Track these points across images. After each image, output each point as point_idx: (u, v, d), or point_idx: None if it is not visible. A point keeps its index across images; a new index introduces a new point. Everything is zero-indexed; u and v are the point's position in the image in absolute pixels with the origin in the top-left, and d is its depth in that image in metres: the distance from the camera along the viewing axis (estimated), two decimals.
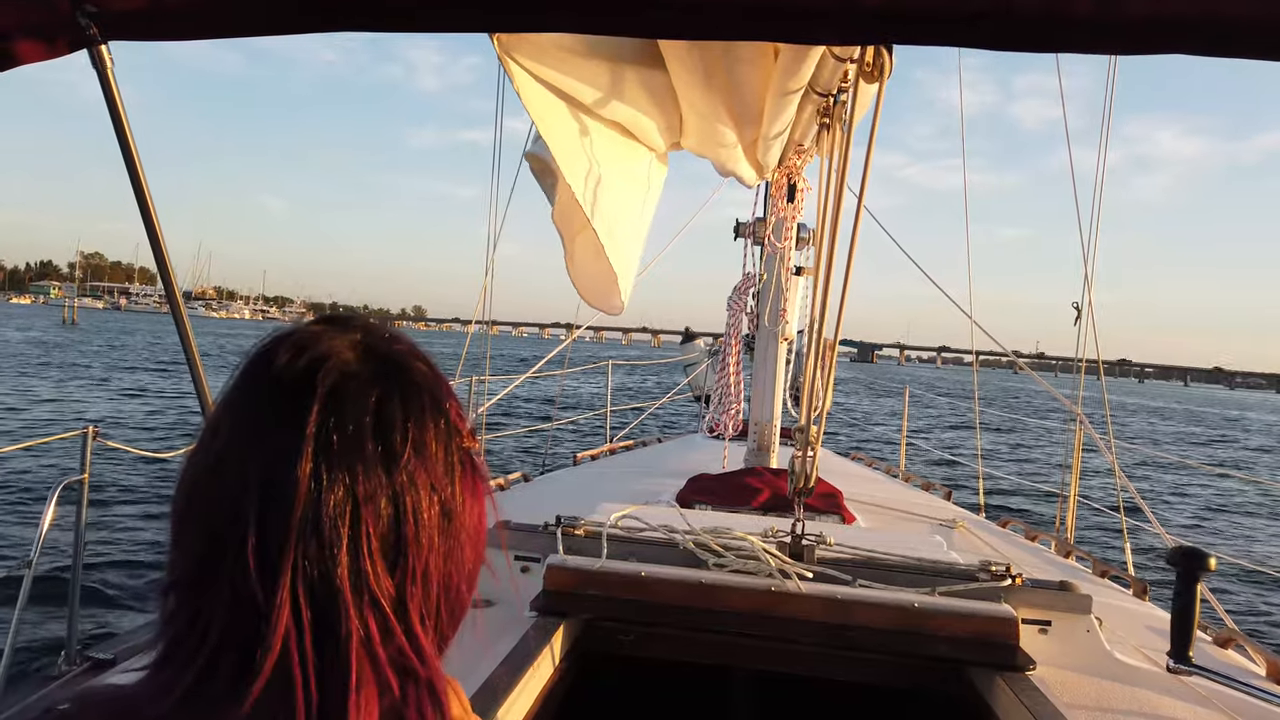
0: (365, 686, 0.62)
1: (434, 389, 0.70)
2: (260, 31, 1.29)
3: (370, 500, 0.63)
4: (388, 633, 0.63)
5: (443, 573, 0.67)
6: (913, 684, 2.13)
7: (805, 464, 2.61)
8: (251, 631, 0.61)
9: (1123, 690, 2.02)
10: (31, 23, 1.22)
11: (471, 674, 1.79)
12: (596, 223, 2.64)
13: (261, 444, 0.64)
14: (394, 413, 0.66)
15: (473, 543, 0.71)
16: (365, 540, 0.62)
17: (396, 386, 0.67)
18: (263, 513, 0.62)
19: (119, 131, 1.42)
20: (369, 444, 0.64)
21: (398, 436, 0.65)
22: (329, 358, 0.67)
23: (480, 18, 1.31)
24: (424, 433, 0.67)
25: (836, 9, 1.15)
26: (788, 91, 2.57)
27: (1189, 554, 1.85)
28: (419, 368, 0.71)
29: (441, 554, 0.67)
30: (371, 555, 0.62)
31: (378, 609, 0.63)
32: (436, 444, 0.68)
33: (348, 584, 0.62)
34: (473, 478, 0.71)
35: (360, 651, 0.62)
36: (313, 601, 0.61)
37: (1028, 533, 4.14)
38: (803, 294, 4.47)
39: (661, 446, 6.46)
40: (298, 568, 0.61)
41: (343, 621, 0.61)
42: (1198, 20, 1.10)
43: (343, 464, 0.63)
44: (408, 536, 0.64)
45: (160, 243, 1.49)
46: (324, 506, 0.62)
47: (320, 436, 0.63)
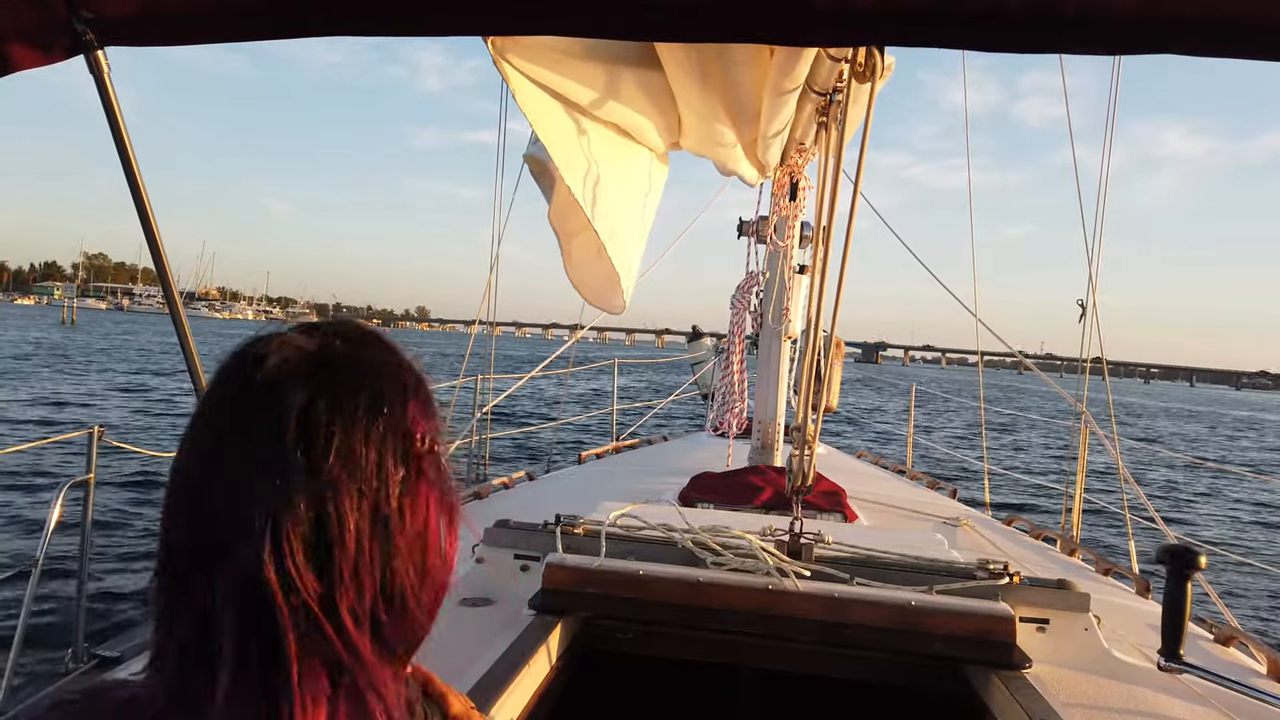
0: (307, 686, 0.63)
1: (379, 390, 0.70)
2: (255, 36, 1.30)
3: (290, 505, 0.64)
4: (320, 635, 0.64)
5: (377, 577, 0.67)
6: (909, 682, 2.14)
7: (803, 462, 2.61)
8: (206, 636, 0.64)
9: (1119, 688, 2.02)
10: (28, 28, 1.23)
11: (469, 671, 1.81)
12: (598, 223, 2.65)
13: (205, 449, 0.67)
14: (318, 416, 0.66)
15: (418, 547, 0.70)
16: (288, 544, 0.63)
17: (327, 390, 0.67)
18: (197, 517, 0.65)
19: (116, 136, 1.43)
20: (291, 449, 0.65)
21: (321, 440, 0.65)
22: (265, 362, 0.68)
23: (474, 22, 1.32)
24: (351, 436, 0.67)
25: (828, 11, 1.15)
26: (784, 91, 2.57)
27: (1179, 552, 1.85)
28: (368, 369, 0.71)
29: (374, 558, 0.66)
30: (294, 558, 0.63)
31: (307, 612, 0.63)
32: (368, 447, 0.67)
33: (276, 586, 0.63)
34: (418, 481, 0.70)
35: (296, 652, 0.63)
36: (250, 606, 0.63)
37: (1033, 531, 4.14)
38: (806, 292, 4.47)
39: (666, 445, 6.47)
40: (233, 573, 0.63)
41: (277, 624, 0.63)
42: (1189, 19, 1.10)
43: (267, 469, 0.64)
44: (332, 540, 0.65)
45: (159, 245, 1.51)
46: (251, 510, 0.63)
47: (247, 441, 0.66)
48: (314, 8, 1.24)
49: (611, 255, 2.92)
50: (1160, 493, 16.27)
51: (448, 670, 1.85)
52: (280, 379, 0.68)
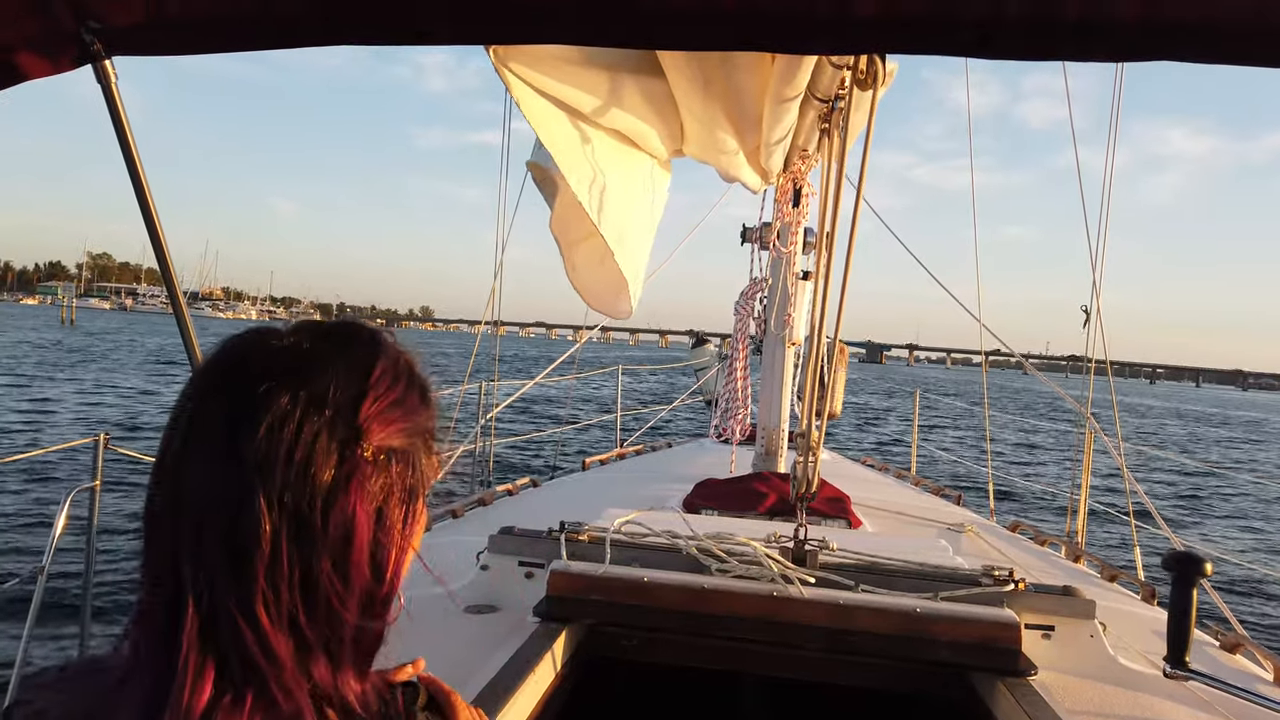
0: (198, 676, 0.64)
1: (323, 393, 0.69)
2: (260, 46, 1.31)
3: (211, 503, 0.66)
4: (233, 629, 0.65)
5: (295, 580, 0.66)
6: (915, 689, 2.13)
7: (807, 469, 2.61)
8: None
9: (1125, 695, 2.01)
10: (36, 39, 1.24)
11: (474, 679, 1.81)
12: (604, 229, 2.65)
13: (167, 433, 0.70)
14: (251, 412, 0.66)
15: (342, 555, 0.68)
16: (207, 540, 0.65)
17: (268, 387, 0.67)
18: (152, 498, 0.69)
19: (123, 143, 1.44)
20: (218, 448, 0.66)
21: (246, 441, 0.66)
22: (223, 355, 0.71)
23: (477, 31, 1.33)
24: (279, 435, 0.66)
25: (830, 19, 1.16)
26: (785, 98, 2.58)
27: (1184, 558, 1.84)
28: (322, 370, 0.70)
29: (292, 562, 0.66)
30: (211, 554, 0.65)
31: (219, 606, 0.65)
32: (297, 448, 0.66)
33: (187, 579, 0.65)
34: (348, 487, 0.68)
35: (194, 640, 0.64)
36: (168, 595, 0.66)
37: (1037, 537, 4.13)
38: (809, 298, 4.47)
39: (670, 451, 6.47)
40: (154, 563, 0.67)
41: (182, 614, 0.65)
42: (1189, 27, 1.11)
43: (196, 467, 0.67)
44: (246, 540, 0.65)
45: (164, 249, 1.52)
46: (184, 498, 0.67)
47: (189, 431, 0.68)
48: (317, 18, 1.25)
49: (619, 261, 2.93)
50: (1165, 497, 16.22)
51: (452, 677, 1.85)
52: (228, 371, 0.69)
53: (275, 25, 1.27)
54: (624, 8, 1.18)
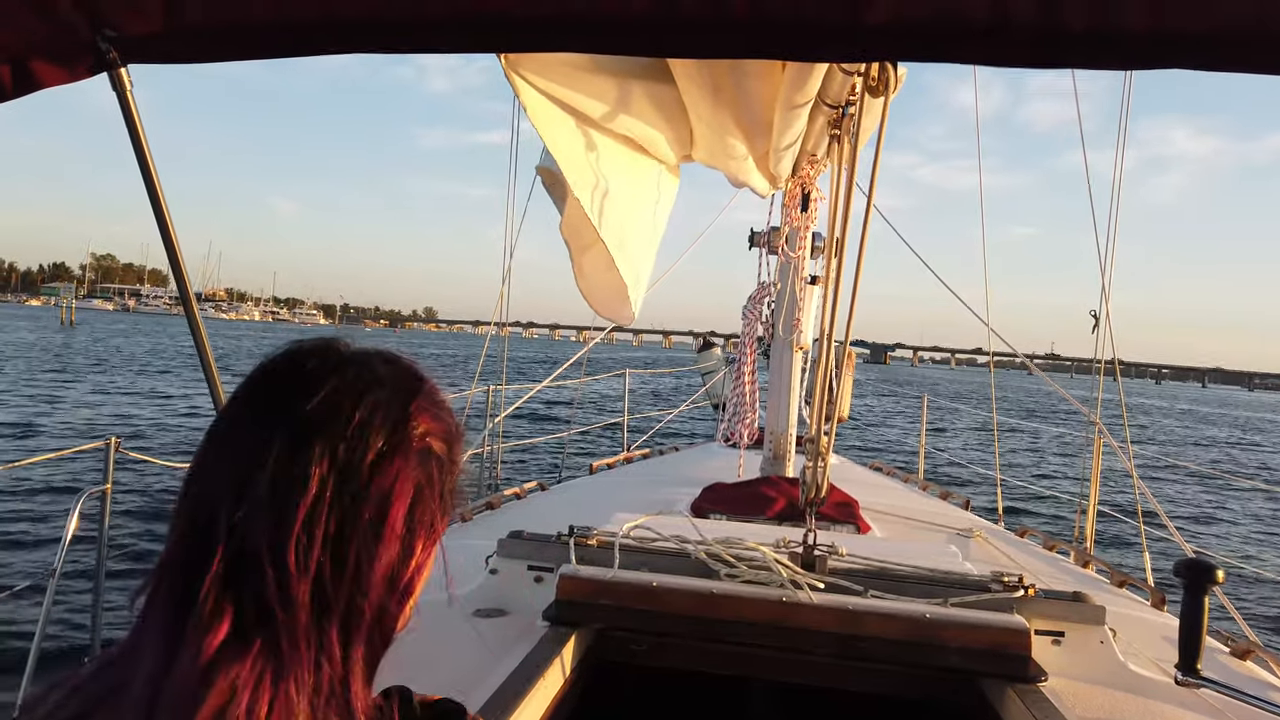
0: (214, 617, 0.66)
1: (385, 374, 0.75)
2: (274, 54, 1.33)
3: (265, 448, 0.69)
4: (258, 572, 0.67)
5: (329, 531, 0.69)
6: (925, 695, 2.13)
7: (816, 474, 2.61)
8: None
9: (1136, 702, 2.01)
10: (53, 47, 1.26)
11: (483, 683, 1.81)
12: (606, 235, 2.66)
13: (225, 407, 0.77)
14: (320, 372, 0.73)
15: (378, 519, 0.71)
16: (254, 482, 0.69)
17: (337, 360, 0.75)
18: (201, 457, 0.74)
19: (137, 149, 1.46)
20: (278, 409, 0.72)
21: (313, 388, 0.71)
22: (284, 351, 0.77)
23: (489, 40, 1.33)
24: (342, 392, 0.72)
25: (840, 27, 1.16)
26: (796, 105, 2.58)
27: (1196, 566, 1.84)
28: (386, 365, 0.77)
29: (330, 511, 0.69)
30: (255, 494, 0.68)
31: (248, 547, 0.67)
32: (359, 407, 0.72)
33: (222, 520, 0.68)
34: (395, 457, 0.72)
35: (217, 581, 0.67)
36: (197, 541, 0.69)
37: (1046, 542, 4.12)
38: (817, 303, 4.46)
39: (677, 455, 6.46)
40: (188, 510, 0.72)
41: (210, 557, 0.67)
42: (1196, 36, 1.11)
43: (253, 425, 0.72)
44: (294, 481, 0.68)
45: (177, 252, 1.53)
46: (227, 455, 0.71)
47: (242, 404, 0.74)
48: (332, 26, 1.26)
49: (620, 267, 2.93)
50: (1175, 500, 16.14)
51: (461, 681, 1.86)
52: (292, 355, 0.75)
53: (289, 33, 1.28)
54: (635, 17, 1.18)
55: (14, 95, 1.29)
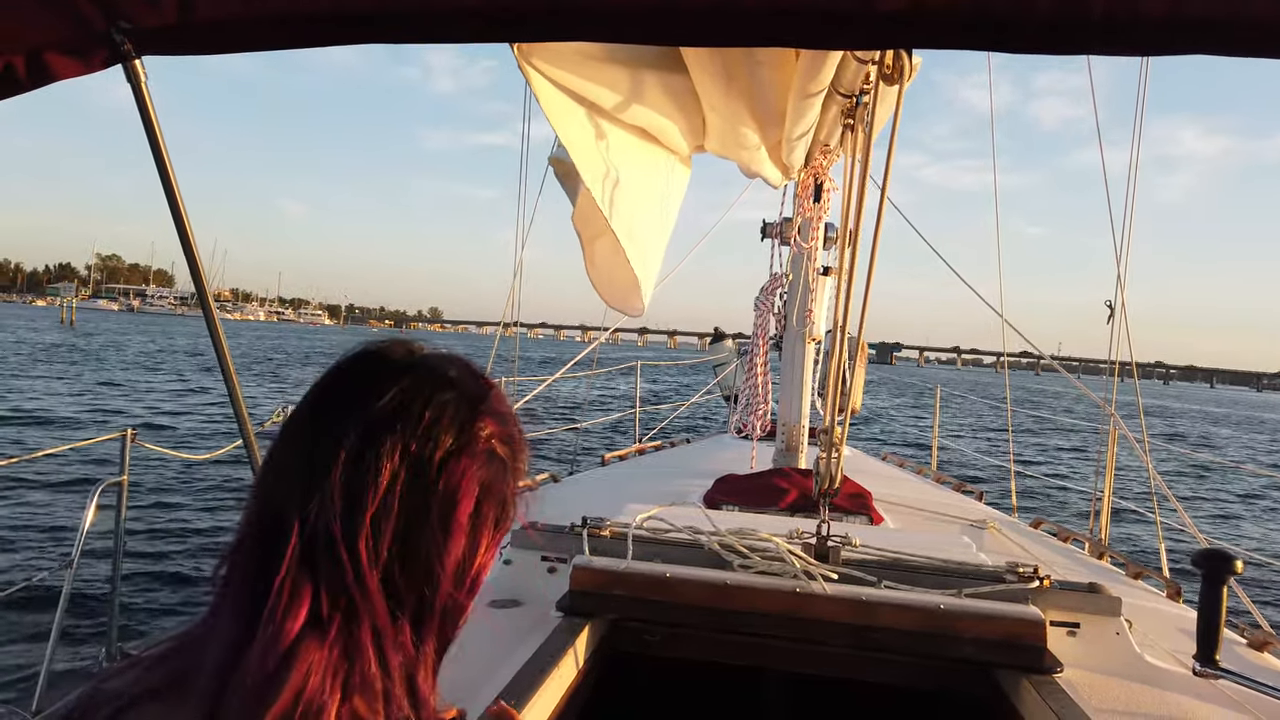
0: (293, 598, 0.67)
1: (456, 377, 0.78)
2: (288, 45, 1.32)
3: (338, 444, 0.71)
4: (332, 558, 0.69)
5: (398, 525, 0.71)
6: (939, 686, 2.12)
7: (830, 465, 2.61)
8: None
9: (1152, 693, 2.00)
10: (67, 39, 1.26)
11: (497, 673, 1.82)
12: (617, 225, 2.65)
13: (298, 410, 0.79)
14: (394, 371, 0.76)
15: (447, 513, 0.73)
16: (327, 474, 0.70)
17: (412, 361, 0.79)
18: (276, 451, 0.77)
19: (153, 142, 1.46)
20: (353, 406, 0.74)
21: (387, 387, 0.74)
22: (356, 352, 0.80)
23: (501, 30, 1.33)
24: (415, 392, 0.74)
25: (855, 14, 1.15)
26: (809, 93, 2.57)
27: (1214, 556, 1.82)
28: (449, 365, 0.80)
29: (402, 507, 0.71)
30: (327, 487, 0.70)
31: (321, 536, 0.69)
32: (429, 407, 0.74)
33: (294, 507, 0.70)
34: (463, 456, 0.75)
35: (294, 562, 0.68)
36: (269, 525, 0.71)
37: (1060, 534, 4.10)
38: (830, 294, 4.45)
39: (689, 447, 6.46)
40: (261, 498, 0.74)
41: (285, 540, 0.69)
42: (1217, 20, 1.10)
43: (328, 422, 0.74)
44: (365, 475, 0.71)
45: (193, 250, 1.53)
46: (301, 451, 0.73)
47: (317, 399, 0.77)
48: (343, 17, 1.26)
49: (630, 258, 2.92)
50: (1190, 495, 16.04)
51: (477, 672, 1.86)
52: (364, 356, 0.78)
53: (301, 24, 1.28)
54: (647, 5, 1.18)
55: (30, 87, 1.29)
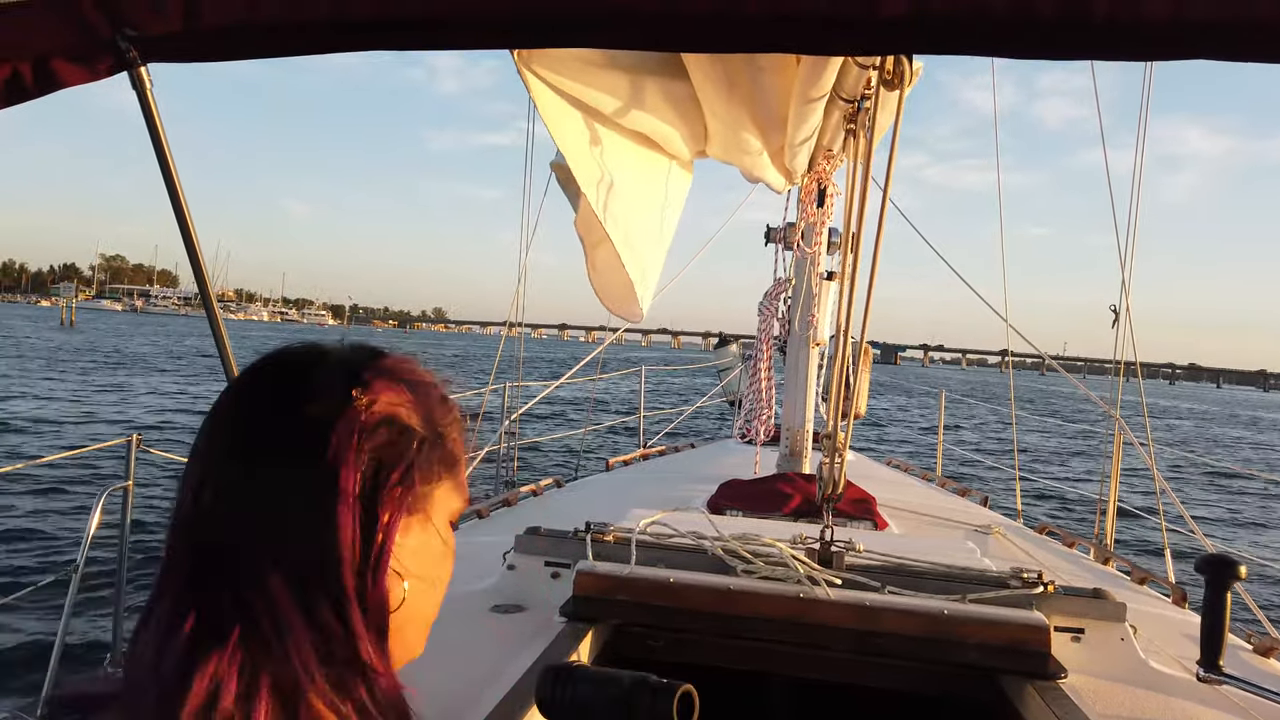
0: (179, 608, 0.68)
1: (333, 355, 0.77)
2: (293, 52, 1.33)
3: (212, 457, 0.72)
4: (218, 556, 0.70)
5: (279, 519, 0.70)
6: (943, 691, 2.12)
7: (834, 470, 2.60)
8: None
9: (1157, 699, 1.99)
10: (73, 46, 1.27)
11: (501, 678, 1.82)
12: (613, 233, 2.65)
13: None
14: (246, 383, 0.77)
15: (329, 503, 0.70)
16: (206, 489, 0.71)
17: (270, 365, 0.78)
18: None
19: (158, 148, 1.47)
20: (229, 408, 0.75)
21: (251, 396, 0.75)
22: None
23: (503, 36, 1.34)
24: (279, 387, 0.74)
25: (856, 19, 1.15)
26: (811, 99, 2.57)
27: (1218, 561, 1.82)
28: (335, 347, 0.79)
29: (274, 503, 0.70)
30: (206, 497, 0.71)
31: (209, 541, 0.70)
32: (289, 395, 0.73)
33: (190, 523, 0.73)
34: (335, 425, 0.71)
35: (175, 581, 0.70)
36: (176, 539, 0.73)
37: (1065, 539, 4.09)
38: (834, 298, 4.45)
39: (693, 452, 6.46)
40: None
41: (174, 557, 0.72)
42: (1220, 25, 1.10)
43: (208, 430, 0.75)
44: (241, 484, 0.71)
45: (198, 253, 1.54)
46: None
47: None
48: (345, 24, 1.27)
49: (627, 264, 2.93)
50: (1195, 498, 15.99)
51: (479, 676, 1.87)
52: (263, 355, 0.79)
53: (304, 32, 1.28)
54: (648, 12, 1.18)
55: (36, 94, 1.30)
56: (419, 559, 0.76)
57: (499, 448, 6.84)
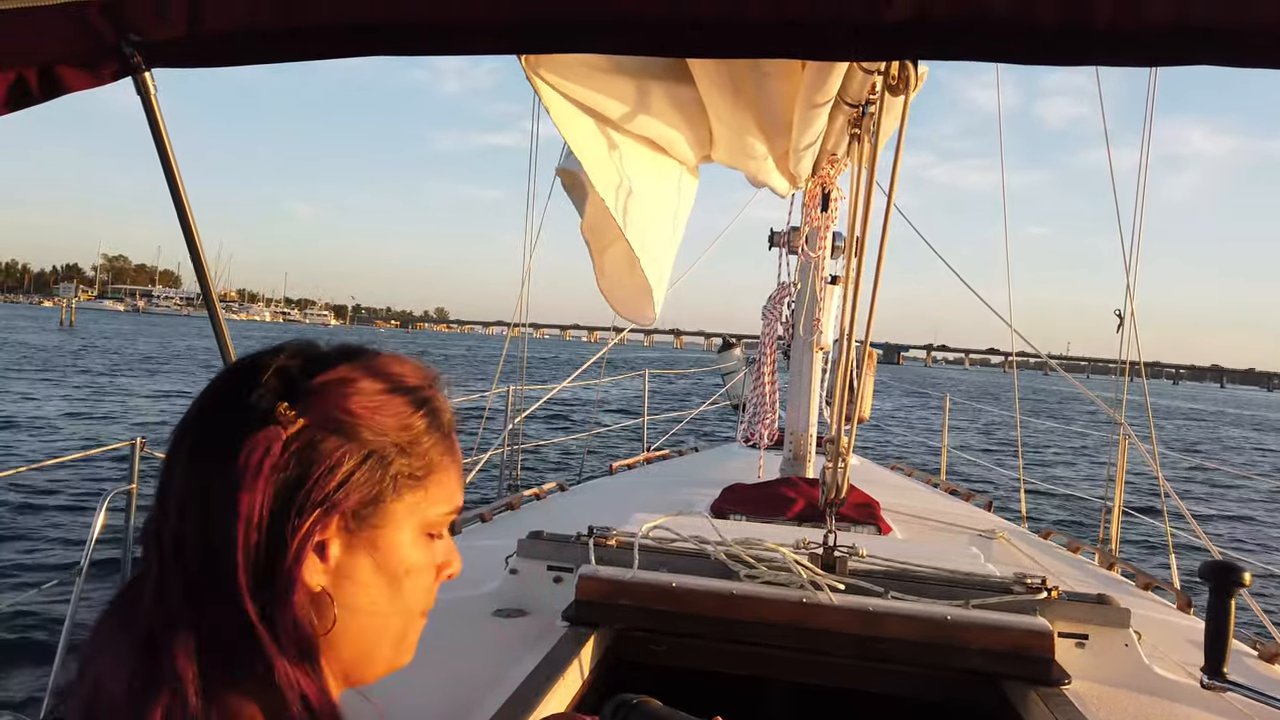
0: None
1: (277, 360, 0.74)
2: (297, 57, 1.34)
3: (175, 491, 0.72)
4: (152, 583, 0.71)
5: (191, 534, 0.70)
6: (946, 697, 2.11)
7: (836, 474, 2.60)
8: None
9: (1161, 705, 1.98)
10: (78, 52, 1.27)
11: (503, 682, 1.82)
12: (630, 235, 2.65)
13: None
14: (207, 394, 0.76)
15: (229, 518, 0.69)
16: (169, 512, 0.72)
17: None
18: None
19: (161, 153, 1.47)
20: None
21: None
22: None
23: (510, 42, 1.34)
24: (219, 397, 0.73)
25: (860, 25, 1.16)
26: (816, 104, 2.57)
27: (1222, 568, 1.81)
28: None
29: (189, 517, 0.71)
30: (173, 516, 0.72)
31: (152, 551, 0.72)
32: (217, 398, 0.74)
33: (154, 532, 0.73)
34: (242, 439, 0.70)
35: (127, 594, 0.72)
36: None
37: (1070, 544, 4.08)
38: (838, 303, 4.45)
39: (697, 456, 6.45)
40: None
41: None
42: (1223, 31, 1.09)
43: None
44: (166, 495, 0.72)
45: (200, 255, 1.55)
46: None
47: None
48: (351, 29, 1.27)
49: (644, 267, 2.93)
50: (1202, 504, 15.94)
51: (481, 681, 1.87)
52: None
53: (309, 37, 1.29)
54: (653, 18, 1.18)
55: (41, 100, 1.31)
56: (365, 578, 0.73)
57: (502, 451, 6.85)
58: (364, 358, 0.77)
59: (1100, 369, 33.87)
